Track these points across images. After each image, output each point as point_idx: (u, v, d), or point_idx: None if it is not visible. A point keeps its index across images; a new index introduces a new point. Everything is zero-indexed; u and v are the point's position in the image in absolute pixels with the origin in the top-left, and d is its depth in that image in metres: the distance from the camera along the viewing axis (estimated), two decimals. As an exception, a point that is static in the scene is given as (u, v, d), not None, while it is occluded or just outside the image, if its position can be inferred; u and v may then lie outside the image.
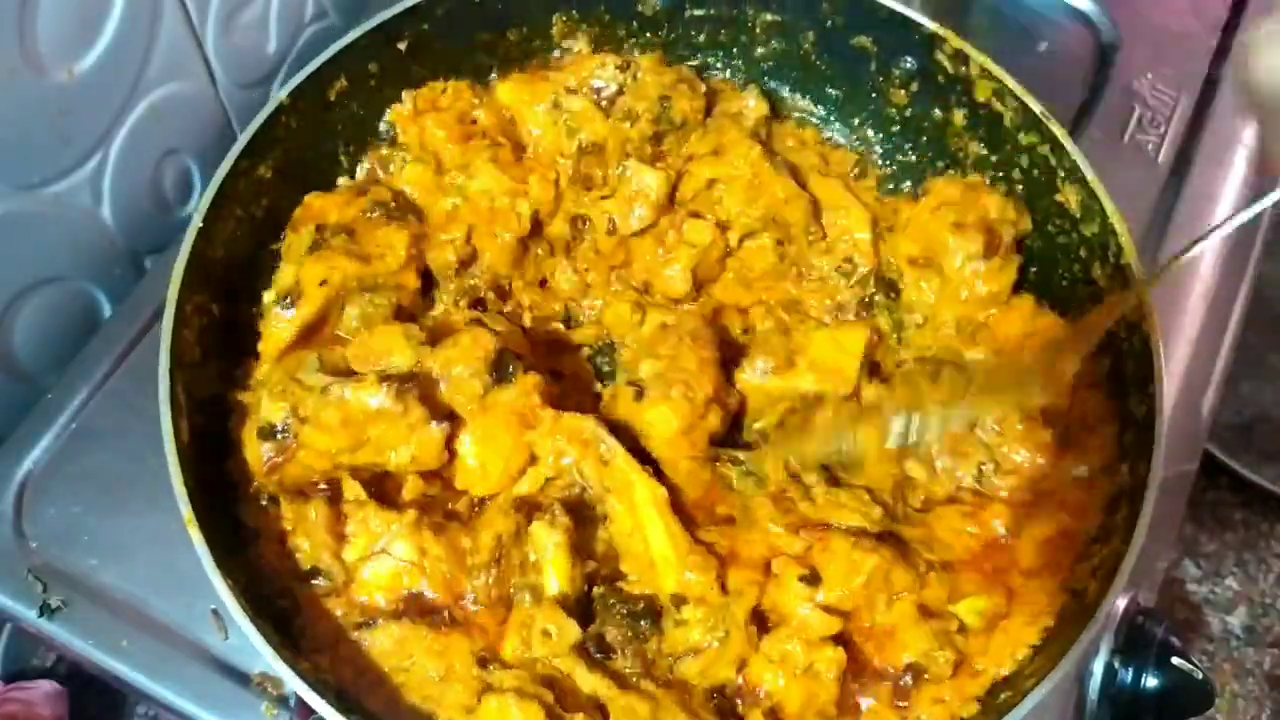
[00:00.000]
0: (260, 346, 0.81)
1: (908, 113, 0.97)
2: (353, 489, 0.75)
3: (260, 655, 0.66)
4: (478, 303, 0.88)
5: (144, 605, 0.81)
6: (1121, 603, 0.82)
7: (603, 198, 0.90)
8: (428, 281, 0.87)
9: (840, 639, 0.74)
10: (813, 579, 0.73)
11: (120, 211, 0.96)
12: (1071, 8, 1.15)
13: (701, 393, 0.79)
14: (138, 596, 0.81)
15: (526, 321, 0.90)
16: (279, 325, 0.79)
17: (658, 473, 0.78)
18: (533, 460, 0.77)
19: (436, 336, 0.79)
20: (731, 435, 0.85)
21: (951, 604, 0.76)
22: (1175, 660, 0.79)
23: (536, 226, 0.91)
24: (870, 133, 1.00)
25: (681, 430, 0.78)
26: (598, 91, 0.94)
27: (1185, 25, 1.14)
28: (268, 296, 0.81)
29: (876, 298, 0.91)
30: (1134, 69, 1.12)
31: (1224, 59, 1.14)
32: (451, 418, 0.76)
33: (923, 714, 0.74)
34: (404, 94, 0.93)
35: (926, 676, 0.74)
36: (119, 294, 0.98)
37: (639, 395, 0.79)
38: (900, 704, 0.74)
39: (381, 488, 0.77)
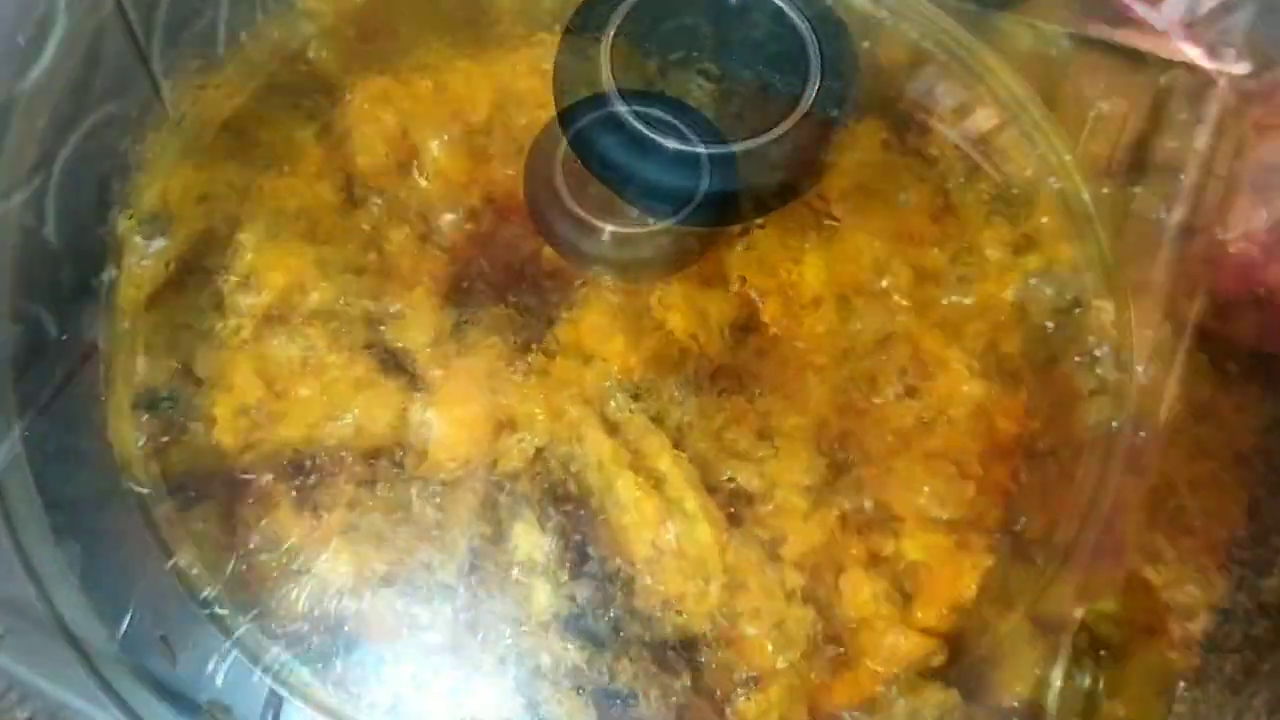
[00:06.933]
0: (118, 294, 0.61)
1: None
2: (262, 483, 0.57)
3: (210, 683, 0.66)
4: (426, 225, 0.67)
5: (88, 631, 0.80)
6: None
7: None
8: (352, 195, 0.66)
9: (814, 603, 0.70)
10: (776, 542, 0.71)
11: (64, 231, 0.96)
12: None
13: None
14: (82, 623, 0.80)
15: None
16: (143, 261, 0.60)
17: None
18: (507, 429, 0.61)
19: (369, 269, 0.61)
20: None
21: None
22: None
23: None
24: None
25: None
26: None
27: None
28: (123, 222, 0.60)
29: None
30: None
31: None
32: (405, 374, 0.58)
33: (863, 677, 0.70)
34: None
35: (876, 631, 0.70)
36: (65, 315, 0.97)
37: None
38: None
39: (313, 472, 0.60)
